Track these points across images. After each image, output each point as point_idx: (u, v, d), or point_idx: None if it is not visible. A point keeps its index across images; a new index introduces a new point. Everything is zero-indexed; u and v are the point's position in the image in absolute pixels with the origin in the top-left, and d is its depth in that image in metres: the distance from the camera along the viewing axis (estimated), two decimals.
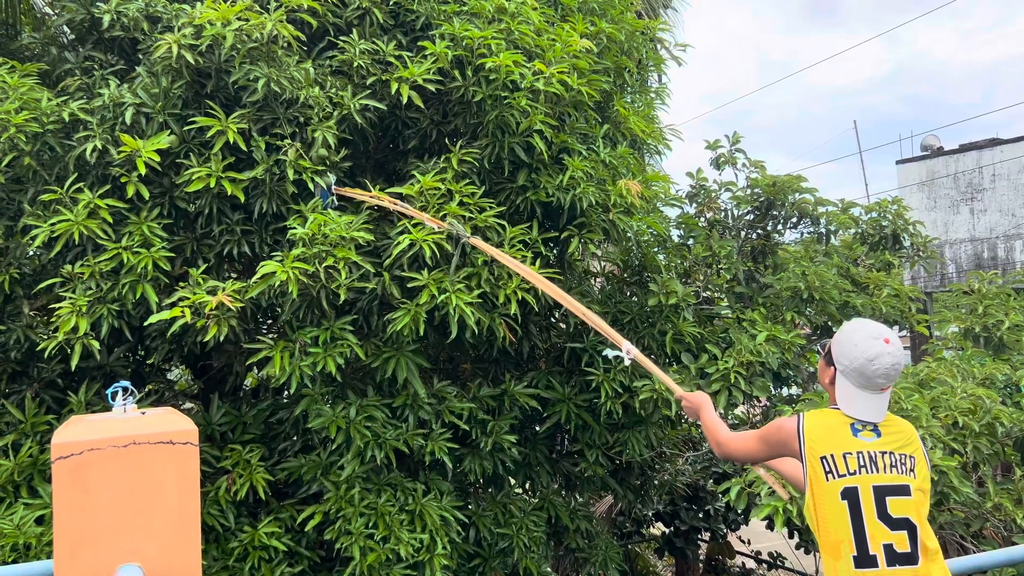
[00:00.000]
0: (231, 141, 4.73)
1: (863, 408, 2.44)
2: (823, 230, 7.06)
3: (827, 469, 2.36)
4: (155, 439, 1.75)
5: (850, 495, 2.33)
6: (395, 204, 4.94)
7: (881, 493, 2.33)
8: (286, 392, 6.35)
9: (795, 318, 6.44)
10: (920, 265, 7.20)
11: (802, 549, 9.95)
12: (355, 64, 5.11)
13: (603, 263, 7.77)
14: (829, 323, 6.75)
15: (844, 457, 2.36)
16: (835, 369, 2.54)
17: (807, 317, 6.51)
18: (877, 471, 2.34)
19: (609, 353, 3.72)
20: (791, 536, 8.84)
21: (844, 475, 2.34)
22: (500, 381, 6.07)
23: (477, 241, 4.83)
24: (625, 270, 7.12)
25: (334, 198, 5.01)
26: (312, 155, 4.88)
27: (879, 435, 2.41)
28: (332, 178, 4.97)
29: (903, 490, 2.35)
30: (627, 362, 3.71)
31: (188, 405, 6.60)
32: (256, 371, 6.62)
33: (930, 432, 4.62)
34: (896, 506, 2.32)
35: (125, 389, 1.97)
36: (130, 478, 1.78)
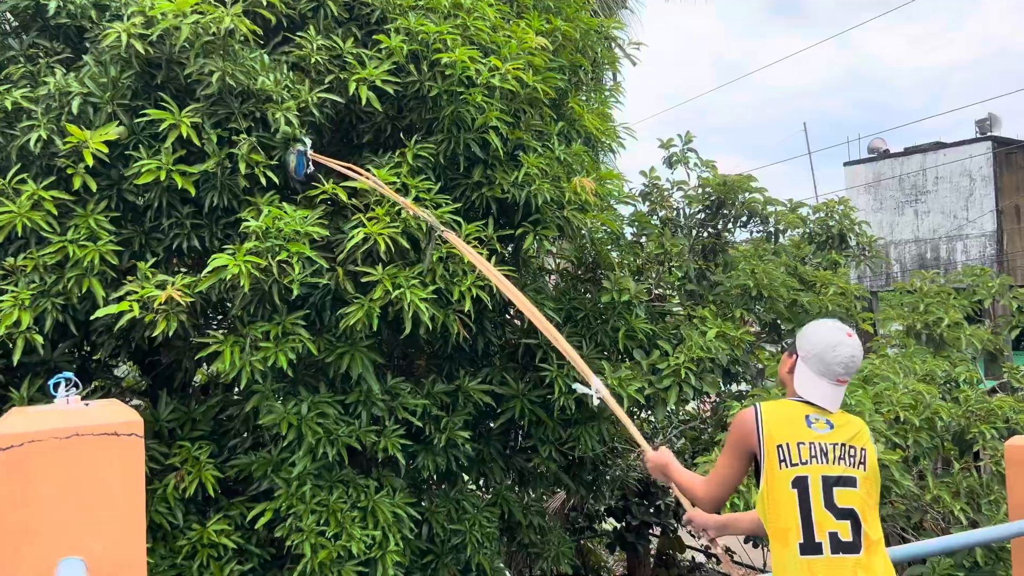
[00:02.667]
0: (184, 136, 4.64)
1: (820, 395, 2.52)
2: (772, 229, 7.19)
3: (781, 458, 2.42)
4: (99, 431, 1.71)
5: (800, 484, 2.40)
6: (372, 180, 4.86)
7: (829, 483, 2.40)
8: (236, 388, 6.27)
9: (744, 315, 6.55)
10: (866, 265, 7.37)
11: (751, 543, 10.13)
12: (312, 60, 5.06)
13: (557, 260, 7.81)
14: (777, 320, 6.88)
15: (798, 447, 2.43)
16: (796, 357, 2.62)
17: (756, 314, 6.63)
18: (827, 462, 2.41)
19: (577, 388, 3.58)
20: None
21: (796, 464, 2.41)
22: (454, 377, 6.06)
23: (450, 235, 4.78)
24: (579, 267, 7.16)
25: (310, 164, 4.91)
26: (276, 131, 4.80)
27: (831, 427, 2.47)
28: (308, 142, 4.89)
29: (850, 481, 2.42)
30: (595, 402, 3.52)
31: (136, 402, 6.47)
32: (206, 367, 6.52)
33: (873, 427, 4.73)
34: (842, 496, 2.40)
35: (68, 380, 1.92)
36: (73, 470, 1.73)
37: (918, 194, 18.59)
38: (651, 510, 10.86)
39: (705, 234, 7.00)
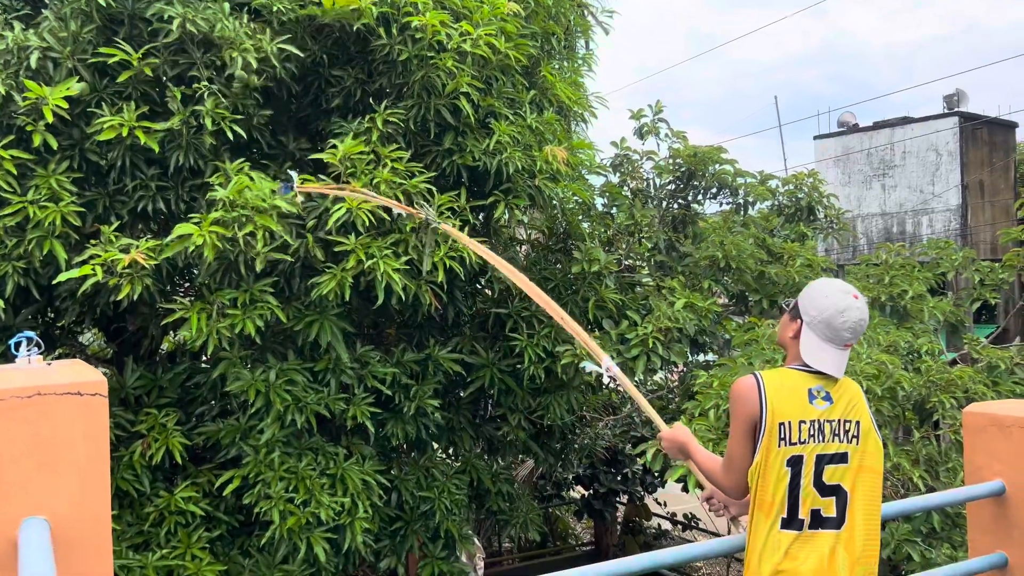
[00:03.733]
0: (142, 74, 4.50)
1: (826, 360, 2.45)
2: (741, 201, 7.23)
3: (782, 436, 2.38)
4: (62, 390, 1.68)
5: (795, 463, 2.38)
6: (364, 194, 4.76)
7: (821, 461, 2.39)
8: (204, 356, 6.21)
9: (712, 286, 6.60)
10: (833, 237, 7.45)
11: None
12: (275, 8, 4.92)
13: (528, 230, 7.81)
14: (745, 292, 6.94)
15: (799, 425, 2.38)
16: (801, 322, 2.52)
17: (724, 286, 6.68)
18: (823, 440, 2.40)
19: (587, 366, 3.50)
20: None
21: (795, 443, 2.38)
22: (424, 346, 6.06)
23: (449, 228, 4.71)
24: (550, 237, 7.16)
25: (298, 196, 4.83)
26: (232, 74, 4.69)
27: (831, 402, 2.43)
28: (295, 176, 4.80)
29: (842, 458, 2.42)
30: (606, 380, 3.44)
31: (101, 369, 6.39)
32: (173, 334, 6.45)
33: None
34: (831, 473, 2.40)
35: (29, 340, 1.88)
36: (35, 430, 1.71)
37: (886, 168, 18.80)
38: (618, 478, 11.01)
39: (675, 205, 7.02)
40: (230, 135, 4.70)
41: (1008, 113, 23.09)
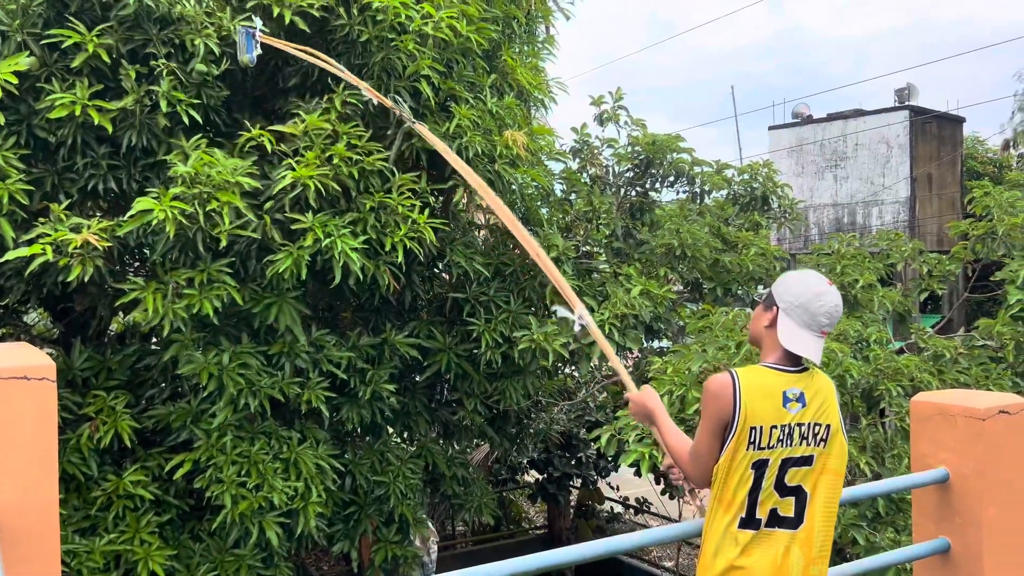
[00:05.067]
0: (96, 54, 4.39)
1: (804, 347, 2.41)
2: (698, 190, 7.30)
3: (752, 439, 2.34)
4: (8, 374, 1.63)
5: (759, 467, 2.36)
6: (330, 64, 4.55)
7: (785, 464, 2.38)
8: (154, 338, 6.10)
9: (668, 274, 6.66)
10: (786, 227, 7.56)
11: (667, 495, 10.46)
12: None
13: (487, 215, 7.78)
14: (699, 279, 7.03)
15: (770, 431, 2.35)
16: (776, 309, 2.46)
17: (679, 273, 6.75)
18: (791, 444, 2.38)
19: (558, 311, 3.39)
20: (657, 482, 9.24)
21: (763, 448, 2.36)
22: (381, 331, 6.02)
23: (422, 128, 4.47)
24: None
25: (259, 46, 4.66)
26: (192, 70, 4.61)
27: (804, 404, 2.39)
28: (258, 23, 4.65)
29: (807, 461, 2.40)
30: (576, 328, 3.25)
31: (48, 351, 6.24)
32: (122, 315, 6.32)
33: None
34: (793, 475, 2.39)
35: None
36: None
37: (838, 160, 19.12)
38: (572, 462, 11.10)
39: (633, 193, 7.06)
40: (186, 119, 4.60)
41: (956, 108, 23.66)
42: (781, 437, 2.36)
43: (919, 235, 17.41)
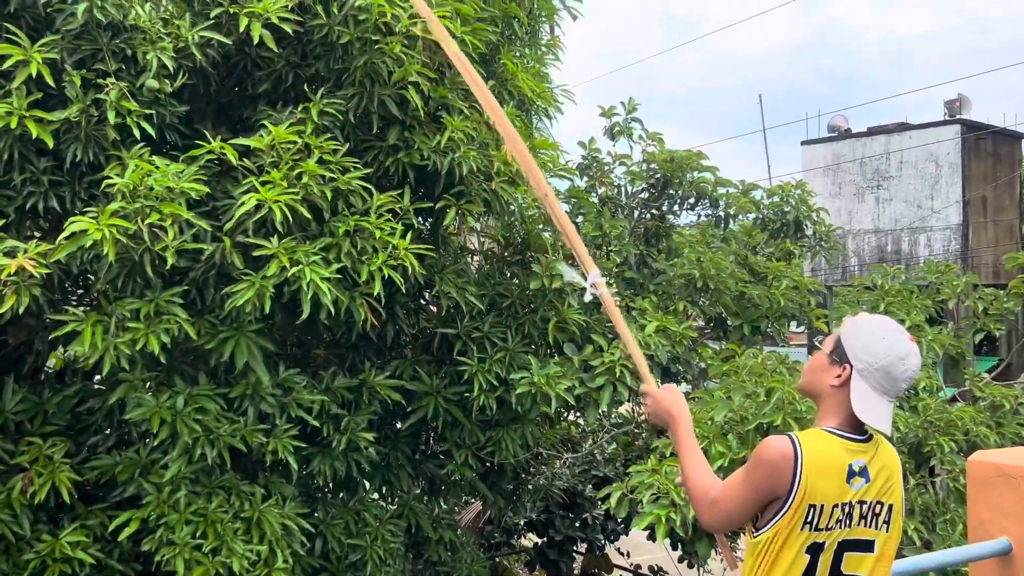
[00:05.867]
0: (35, 74, 4.45)
1: (879, 415, 2.35)
2: (721, 213, 7.33)
3: (808, 519, 2.31)
4: None
5: (815, 550, 2.33)
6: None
7: (842, 548, 2.35)
8: (98, 376, 6.07)
9: (688, 308, 6.66)
10: (822, 256, 7.58)
11: (685, 562, 10.37)
12: None
13: (482, 239, 7.80)
14: (723, 315, 7.02)
15: (831, 511, 2.32)
16: (850, 368, 2.38)
17: (700, 307, 6.75)
18: (850, 525, 2.35)
19: (566, 274, 3.15)
20: (674, 548, 9.15)
21: (820, 529, 2.32)
22: (358, 370, 6.00)
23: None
24: (506, 248, 7.17)
25: None
26: (143, 86, 4.65)
27: (868, 480, 2.36)
28: None
29: (867, 545, 2.38)
30: (588, 297, 3.11)
31: None
32: (62, 350, 6.30)
33: None
34: (850, 562, 2.37)
35: None
36: None
37: (880, 179, 19.23)
38: (576, 524, 11.01)
39: (648, 216, 7.09)
40: (137, 132, 4.63)
41: (1015, 124, 23.85)
42: (841, 517, 2.33)
43: (973, 267, 17.47)
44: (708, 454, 4.90)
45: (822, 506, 2.31)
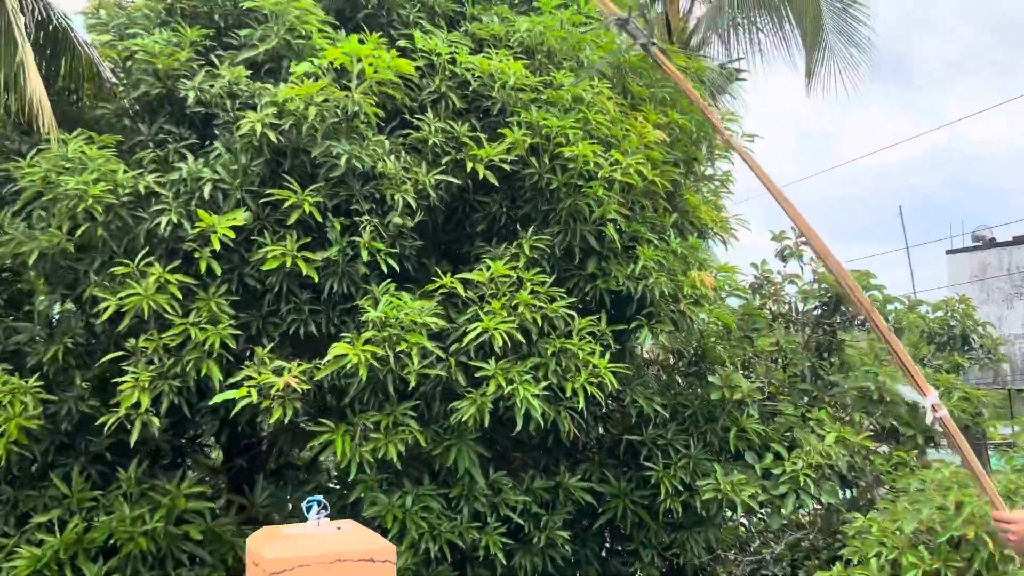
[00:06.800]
0: (307, 212, 4.91)
1: None
2: (891, 328, 7.13)
3: None
4: (357, 556, 1.83)
5: None
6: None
7: None
8: (334, 473, 6.42)
9: (861, 418, 6.47)
10: (990, 368, 7.24)
11: None
12: (430, 142, 5.33)
13: (656, 351, 7.85)
14: (895, 424, 6.77)
15: None
16: None
17: (874, 418, 6.55)
18: None
19: (905, 394, 3.04)
20: None
21: None
22: (552, 471, 6.11)
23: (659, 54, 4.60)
24: (679, 360, 7.20)
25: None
26: (389, 222, 5.05)
27: None
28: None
29: None
30: (929, 420, 2.95)
31: (222, 483, 6.63)
32: (298, 450, 6.70)
33: None
34: None
35: (319, 503, 2.07)
36: None
37: None
38: None
39: (820, 331, 7.00)
40: (384, 268, 5.01)
41: None
42: None
43: None
44: (899, 565, 4.71)
45: None
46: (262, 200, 5.09)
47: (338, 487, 6.27)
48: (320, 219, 5.02)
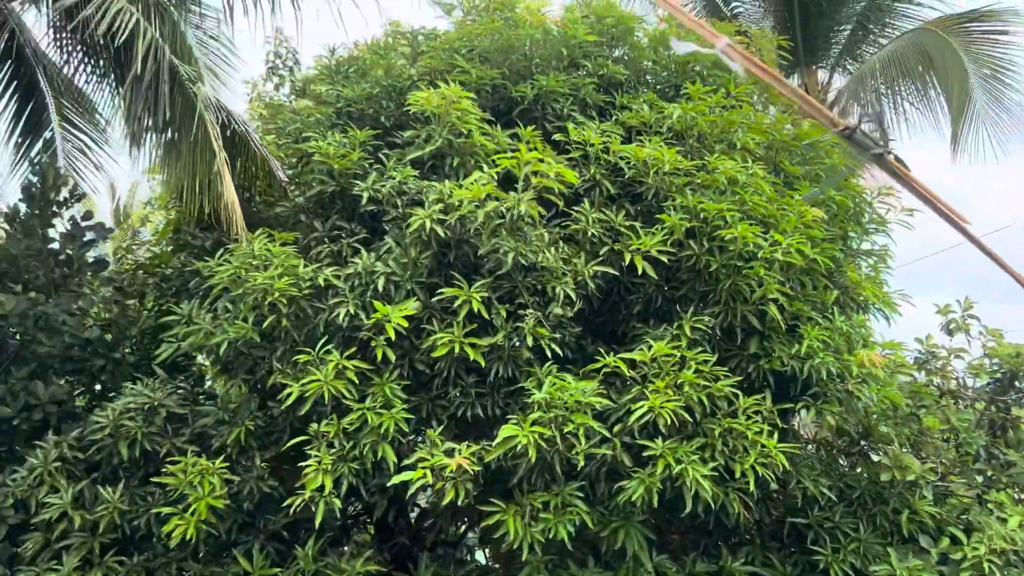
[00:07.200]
0: (475, 310, 5.13)
1: None
2: None
3: None
4: None
5: None
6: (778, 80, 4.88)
7: None
8: (485, 552, 6.50)
9: None
10: None
11: None
12: (588, 232, 5.49)
13: (811, 430, 7.62)
14: None
15: None
16: None
17: None
18: None
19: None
20: None
21: None
22: (712, 554, 5.99)
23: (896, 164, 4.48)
24: (839, 437, 6.97)
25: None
26: (550, 313, 5.21)
27: None
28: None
29: None
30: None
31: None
32: (456, 527, 6.82)
33: None
34: None
35: None
36: None
37: None
38: None
39: (993, 408, 6.66)
40: (548, 353, 5.16)
41: None
42: None
43: None
44: None
45: None
46: (433, 297, 5.34)
47: (498, 567, 6.36)
48: (487, 314, 5.23)
